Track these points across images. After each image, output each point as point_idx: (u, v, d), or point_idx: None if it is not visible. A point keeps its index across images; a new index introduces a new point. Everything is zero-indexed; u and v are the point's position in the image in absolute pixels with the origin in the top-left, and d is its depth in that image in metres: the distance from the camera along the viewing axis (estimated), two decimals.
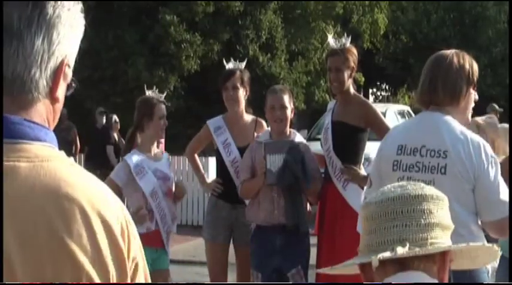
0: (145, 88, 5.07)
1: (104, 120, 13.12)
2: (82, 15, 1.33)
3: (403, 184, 1.77)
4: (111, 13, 16.77)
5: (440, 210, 1.76)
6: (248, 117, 5.18)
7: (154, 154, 4.93)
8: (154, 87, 5.14)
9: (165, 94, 5.18)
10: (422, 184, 1.79)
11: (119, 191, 4.61)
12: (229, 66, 5.14)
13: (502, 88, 22.66)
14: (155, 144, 4.99)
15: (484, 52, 24.90)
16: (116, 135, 12.92)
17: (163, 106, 4.94)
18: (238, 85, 5.04)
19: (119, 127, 13.02)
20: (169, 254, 4.99)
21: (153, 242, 4.75)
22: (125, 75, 16.04)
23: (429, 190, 1.77)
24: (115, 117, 12.99)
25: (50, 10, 1.27)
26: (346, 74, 4.67)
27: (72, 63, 1.33)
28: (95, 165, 10.46)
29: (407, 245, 1.65)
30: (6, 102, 1.25)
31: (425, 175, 3.02)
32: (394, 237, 1.69)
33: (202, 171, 5.46)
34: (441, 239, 1.72)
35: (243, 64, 5.18)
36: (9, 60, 1.24)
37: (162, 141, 5.57)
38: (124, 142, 13.14)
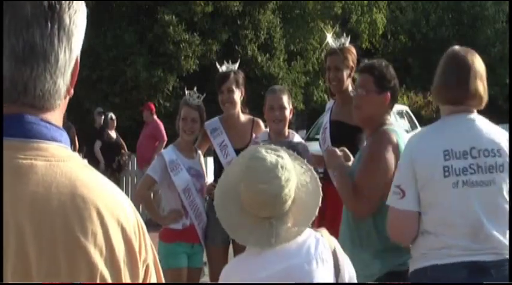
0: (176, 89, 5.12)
1: (103, 120, 13.13)
2: (85, 8, 1.36)
3: (269, 181, 2.44)
4: (110, 13, 16.78)
5: None
6: (245, 118, 5.17)
7: (188, 152, 5.04)
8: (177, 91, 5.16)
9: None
10: (279, 177, 2.45)
11: (152, 189, 4.71)
12: (223, 68, 5.13)
13: (501, 88, 22.70)
14: (190, 143, 5.09)
15: (483, 52, 24.82)
16: (114, 133, 12.94)
17: (188, 108, 4.97)
18: (234, 87, 5.03)
19: (115, 124, 13.02)
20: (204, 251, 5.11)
21: (189, 238, 4.91)
22: (124, 75, 16.05)
23: (284, 179, 2.46)
24: (111, 114, 13.01)
25: (67, 20, 1.29)
26: (345, 73, 4.67)
27: None
28: (93, 165, 10.46)
29: (273, 220, 2.48)
30: (26, 108, 1.28)
31: (484, 176, 3.00)
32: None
33: (205, 175, 5.46)
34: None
35: (236, 66, 5.17)
36: (37, 80, 1.27)
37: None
38: (122, 141, 13.24)
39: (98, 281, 1.23)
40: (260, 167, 2.47)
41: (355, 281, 2.65)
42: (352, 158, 3.78)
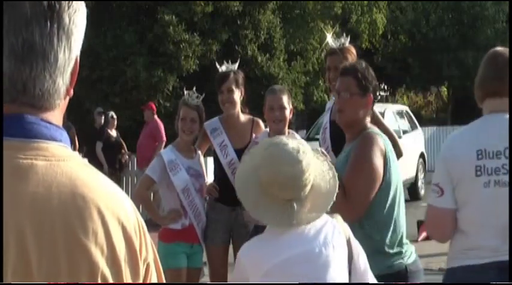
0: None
1: (103, 120, 13.15)
2: (85, 8, 1.36)
3: (291, 164, 2.57)
4: (110, 13, 16.78)
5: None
6: (245, 118, 5.18)
7: (188, 152, 5.04)
8: (184, 92, 5.15)
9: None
10: (299, 160, 2.58)
11: (152, 189, 4.71)
12: (223, 68, 5.14)
13: None
14: (190, 143, 5.09)
15: (483, 52, 24.49)
16: (114, 132, 12.95)
17: (187, 109, 4.98)
18: (233, 87, 5.04)
19: (115, 123, 13.03)
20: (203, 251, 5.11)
21: (188, 238, 4.92)
22: (124, 75, 16.05)
23: (304, 164, 2.59)
24: (112, 113, 13.03)
25: (67, 20, 1.29)
26: None
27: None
28: (93, 165, 10.47)
29: (294, 203, 2.58)
30: (26, 108, 1.27)
31: None
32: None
33: (205, 175, 5.47)
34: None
35: (236, 65, 5.18)
36: (37, 79, 1.27)
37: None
38: (122, 140, 13.25)
39: (99, 280, 1.23)
40: (283, 150, 2.62)
41: (368, 269, 2.75)
42: (328, 158, 3.77)
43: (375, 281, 2.84)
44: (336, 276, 2.62)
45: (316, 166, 2.71)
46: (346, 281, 2.66)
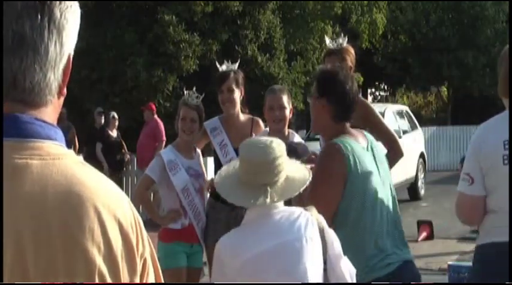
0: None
1: (103, 120, 13.15)
2: (78, 8, 1.36)
3: (263, 149, 2.80)
4: (110, 13, 16.78)
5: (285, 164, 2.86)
6: (244, 117, 5.19)
7: (187, 152, 5.05)
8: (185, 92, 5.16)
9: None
10: (272, 148, 2.79)
11: (152, 190, 4.73)
12: (223, 68, 5.15)
13: None
14: (189, 143, 5.09)
15: (483, 52, 24.90)
16: (115, 132, 12.95)
17: (187, 109, 4.98)
18: (234, 87, 5.05)
19: (117, 123, 13.04)
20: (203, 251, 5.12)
21: (187, 238, 4.93)
22: (124, 75, 16.04)
23: (277, 152, 2.80)
24: (113, 113, 13.03)
25: (58, 14, 1.29)
26: None
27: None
28: (93, 165, 10.48)
29: (268, 187, 2.76)
30: (19, 106, 1.27)
31: None
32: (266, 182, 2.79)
33: (205, 175, 5.48)
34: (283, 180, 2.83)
35: (236, 65, 5.19)
36: (27, 71, 1.27)
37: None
38: (122, 141, 13.24)
39: (96, 278, 1.23)
40: (256, 142, 2.90)
41: (342, 255, 2.82)
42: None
43: (349, 265, 2.83)
44: (309, 268, 2.72)
45: (290, 161, 2.92)
46: (320, 273, 2.76)
